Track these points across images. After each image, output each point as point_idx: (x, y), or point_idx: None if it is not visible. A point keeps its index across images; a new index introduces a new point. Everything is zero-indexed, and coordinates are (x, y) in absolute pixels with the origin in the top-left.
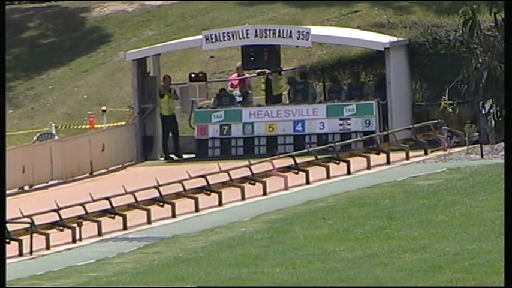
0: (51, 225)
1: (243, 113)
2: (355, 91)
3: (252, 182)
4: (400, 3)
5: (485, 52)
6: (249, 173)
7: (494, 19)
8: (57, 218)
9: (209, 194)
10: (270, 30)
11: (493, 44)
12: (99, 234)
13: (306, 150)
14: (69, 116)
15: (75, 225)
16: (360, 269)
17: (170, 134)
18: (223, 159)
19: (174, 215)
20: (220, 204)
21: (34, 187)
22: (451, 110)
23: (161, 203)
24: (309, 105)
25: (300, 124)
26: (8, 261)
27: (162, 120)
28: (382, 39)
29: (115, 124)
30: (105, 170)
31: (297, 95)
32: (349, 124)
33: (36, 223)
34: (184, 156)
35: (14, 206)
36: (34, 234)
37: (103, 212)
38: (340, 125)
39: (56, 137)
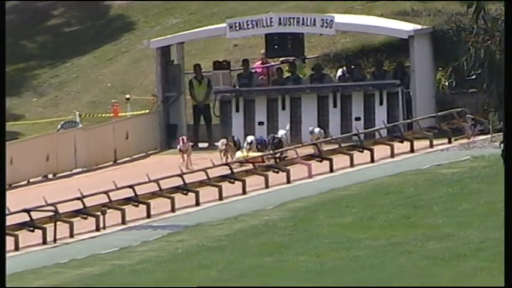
0: (75, 213)
1: None
2: (378, 79)
3: (276, 170)
4: None
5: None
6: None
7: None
8: (81, 206)
9: (233, 182)
10: (293, 18)
11: (498, 29)
12: (123, 222)
13: (329, 138)
14: (93, 104)
15: (99, 213)
16: (384, 257)
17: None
18: None
19: (197, 203)
20: (244, 192)
21: (58, 175)
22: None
23: (185, 191)
24: (331, 92)
25: None
26: (31, 249)
27: (194, 109)
28: (406, 27)
29: (139, 112)
30: (129, 158)
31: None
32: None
33: (60, 211)
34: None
35: (38, 194)
36: (58, 222)
37: (127, 200)
38: None
39: (80, 125)
